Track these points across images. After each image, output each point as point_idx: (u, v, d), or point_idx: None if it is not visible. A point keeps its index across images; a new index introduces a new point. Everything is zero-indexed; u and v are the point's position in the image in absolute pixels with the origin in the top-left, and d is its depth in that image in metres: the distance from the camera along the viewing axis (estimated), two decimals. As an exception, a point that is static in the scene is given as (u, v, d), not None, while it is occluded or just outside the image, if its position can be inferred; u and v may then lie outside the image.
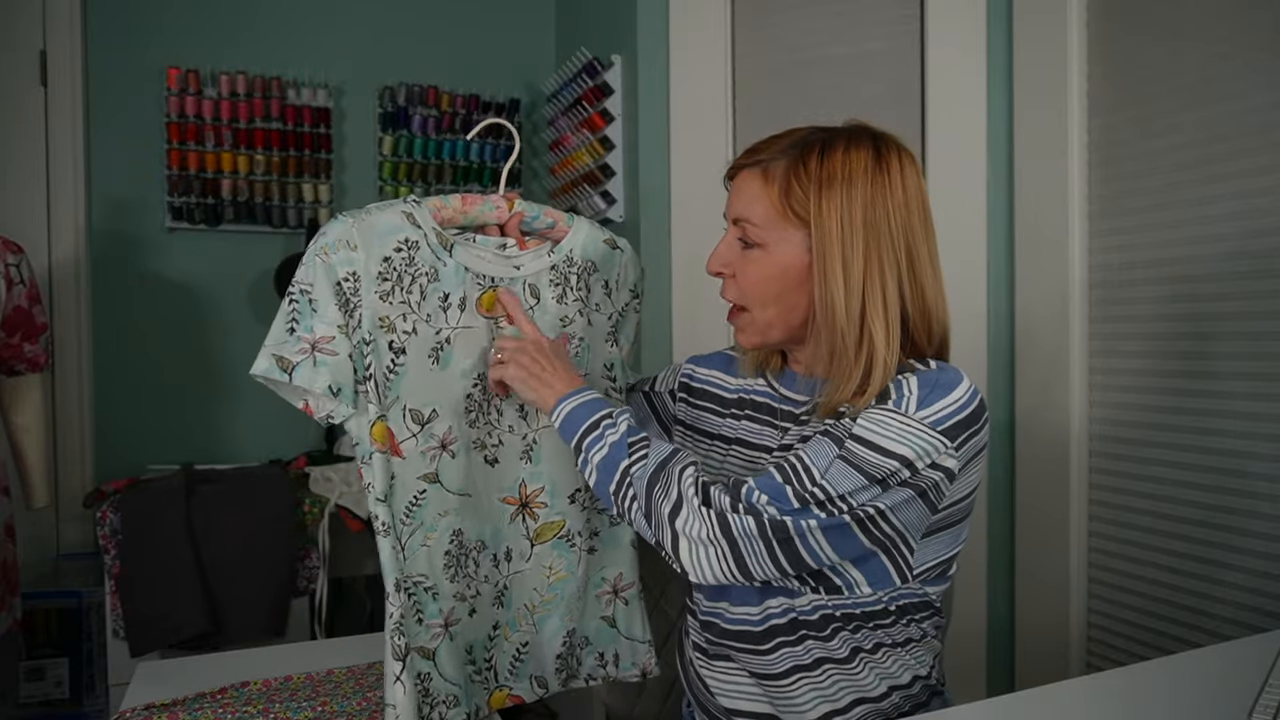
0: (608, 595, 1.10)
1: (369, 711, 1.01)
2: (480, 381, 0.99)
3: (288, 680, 1.09)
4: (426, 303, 0.95)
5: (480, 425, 1.00)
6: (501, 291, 1.01)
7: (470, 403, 0.99)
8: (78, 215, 2.32)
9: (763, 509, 0.85)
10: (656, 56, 2.12)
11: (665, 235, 2.10)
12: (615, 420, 0.94)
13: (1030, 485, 1.87)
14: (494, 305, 1.01)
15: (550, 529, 1.05)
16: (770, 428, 1.02)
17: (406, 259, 0.93)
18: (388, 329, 0.92)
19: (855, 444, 0.86)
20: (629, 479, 0.90)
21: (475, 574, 1.00)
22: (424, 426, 0.95)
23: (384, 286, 0.91)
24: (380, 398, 0.91)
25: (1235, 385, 1.50)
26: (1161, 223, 1.62)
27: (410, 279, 0.93)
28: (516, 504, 1.03)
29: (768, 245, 0.94)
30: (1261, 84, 1.45)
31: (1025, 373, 1.89)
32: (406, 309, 0.93)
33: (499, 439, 1.01)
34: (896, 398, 0.88)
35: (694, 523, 0.86)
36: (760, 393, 1.05)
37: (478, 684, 1.00)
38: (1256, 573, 1.47)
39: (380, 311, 0.91)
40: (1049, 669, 1.82)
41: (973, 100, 1.93)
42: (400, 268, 0.93)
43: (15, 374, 1.80)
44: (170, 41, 2.42)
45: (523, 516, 1.04)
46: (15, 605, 1.72)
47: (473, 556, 0.99)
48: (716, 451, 1.07)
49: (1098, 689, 1.06)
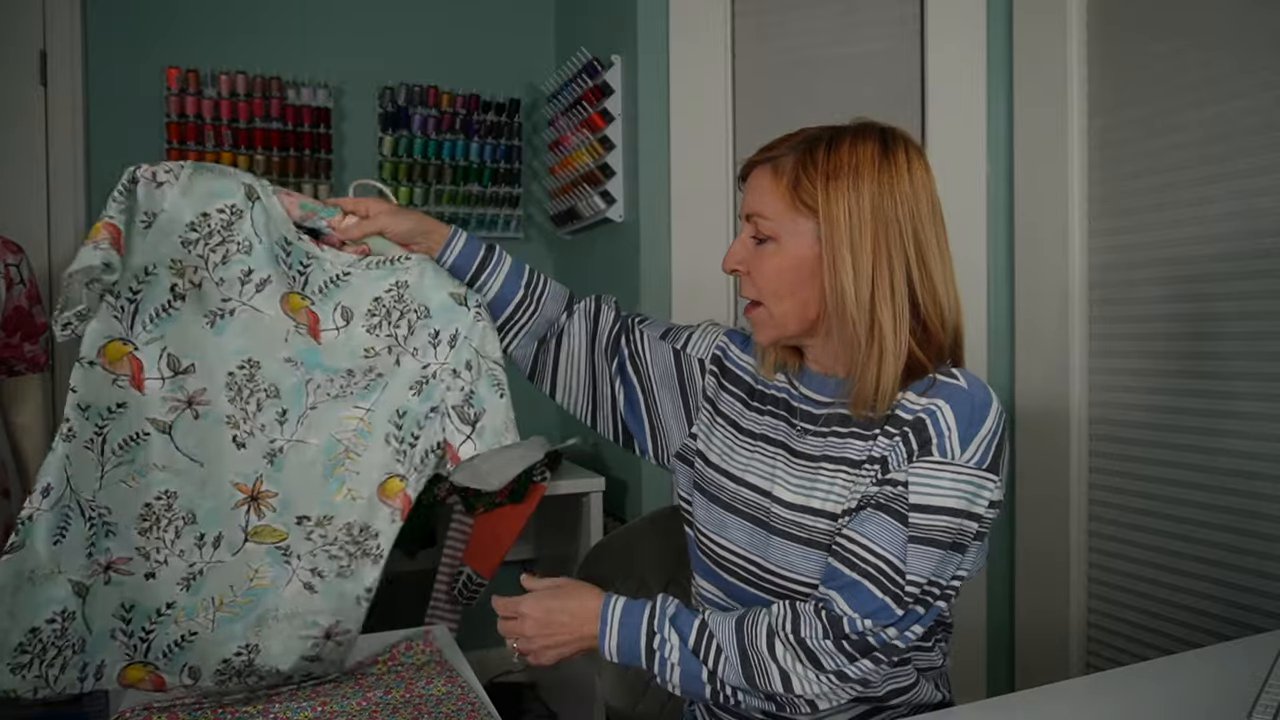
0: (316, 639, 1.03)
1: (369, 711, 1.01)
2: (249, 367, 0.99)
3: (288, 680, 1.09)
4: (226, 268, 0.98)
5: (238, 405, 0.99)
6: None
7: (232, 380, 0.98)
8: (78, 215, 2.32)
9: (872, 637, 0.86)
10: (656, 56, 2.12)
11: (665, 235, 2.10)
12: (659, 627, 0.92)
13: (1030, 485, 1.87)
14: (299, 310, 1.01)
15: (270, 534, 1.01)
16: (786, 424, 1.01)
17: (226, 221, 0.97)
18: (176, 272, 0.95)
19: (920, 515, 0.87)
20: (721, 682, 0.90)
21: (169, 543, 0.97)
22: (176, 375, 0.96)
23: (190, 235, 0.96)
24: (131, 325, 0.94)
25: (1236, 385, 1.50)
26: (1161, 222, 1.62)
27: (221, 241, 0.97)
28: (247, 494, 1.00)
29: (780, 238, 0.95)
30: (1261, 84, 1.45)
31: (1025, 372, 1.89)
32: (202, 264, 0.96)
33: (252, 429, 1.00)
34: (937, 438, 0.88)
35: (813, 687, 0.87)
36: (778, 388, 1.04)
37: (117, 646, 0.95)
38: (1256, 573, 1.47)
39: (175, 254, 0.95)
40: (1049, 669, 1.82)
41: (973, 100, 1.93)
42: (218, 226, 0.97)
43: (15, 374, 1.80)
44: (170, 41, 2.42)
45: (248, 509, 1.00)
46: (15, 605, 1.72)
47: (175, 525, 0.97)
48: (743, 447, 1.03)
49: (1098, 689, 1.06)
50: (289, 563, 1.02)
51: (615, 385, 1.12)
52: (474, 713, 1.01)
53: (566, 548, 2.39)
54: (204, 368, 0.97)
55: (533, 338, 1.12)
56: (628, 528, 1.38)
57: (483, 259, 1.08)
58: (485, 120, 2.68)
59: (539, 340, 1.13)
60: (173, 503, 0.96)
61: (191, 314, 0.96)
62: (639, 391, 1.11)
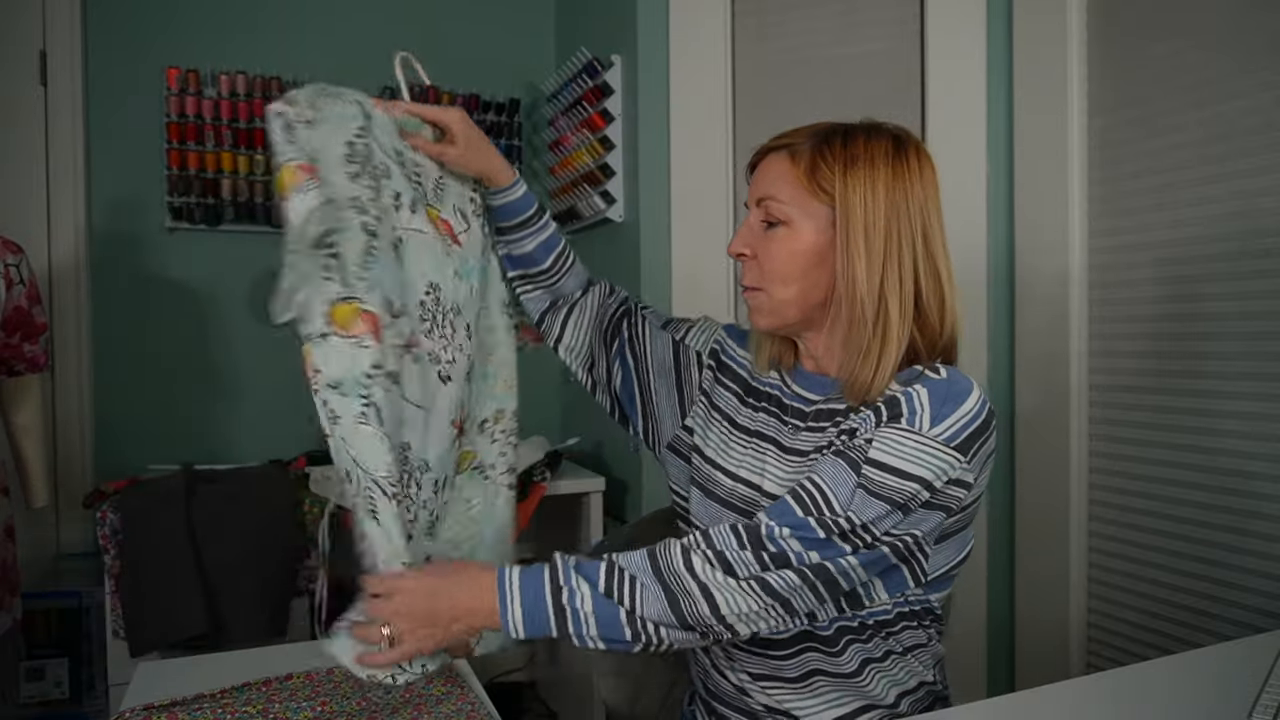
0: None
1: (369, 711, 1.01)
2: (433, 290, 0.92)
3: (288, 680, 1.09)
4: (381, 198, 0.87)
5: (436, 337, 0.91)
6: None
7: (425, 311, 0.90)
8: (78, 215, 2.32)
9: (790, 548, 0.84)
10: (656, 56, 2.12)
11: (665, 235, 2.10)
12: (566, 579, 0.85)
13: (1030, 485, 1.87)
14: (438, 223, 0.97)
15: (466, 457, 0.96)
16: (779, 420, 1.02)
17: (366, 147, 0.87)
18: (359, 210, 0.83)
19: (873, 469, 0.86)
20: (642, 620, 0.84)
21: (415, 498, 0.88)
22: (394, 320, 0.84)
23: (351, 168, 0.84)
24: (347, 281, 0.81)
25: (1236, 385, 1.50)
26: (1161, 222, 1.62)
27: (372, 168, 0.87)
28: (459, 428, 0.93)
29: (792, 222, 0.95)
30: (1261, 84, 1.45)
31: (1025, 372, 1.89)
32: (372, 195, 0.86)
33: (453, 355, 0.92)
34: (909, 413, 0.87)
35: (737, 600, 0.83)
36: (772, 384, 1.04)
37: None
38: (1256, 573, 1.47)
39: (350, 191, 0.83)
40: (1049, 669, 1.82)
41: (973, 100, 1.93)
42: (363, 154, 0.86)
43: (15, 374, 1.80)
44: (170, 41, 2.42)
45: (456, 442, 0.94)
46: (15, 605, 1.72)
47: (415, 478, 0.88)
48: (737, 443, 1.04)
49: (1098, 689, 1.06)
50: (488, 479, 0.98)
51: (614, 365, 1.14)
52: (474, 712, 1.01)
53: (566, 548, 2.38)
54: (410, 307, 0.88)
55: (544, 299, 1.16)
56: (629, 527, 1.39)
57: (530, 216, 1.10)
58: (485, 120, 2.68)
59: (550, 302, 1.17)
60: (408, 455, 0.87)
61: (385, 250, 0.84)
62: (634, 375, 1.13)
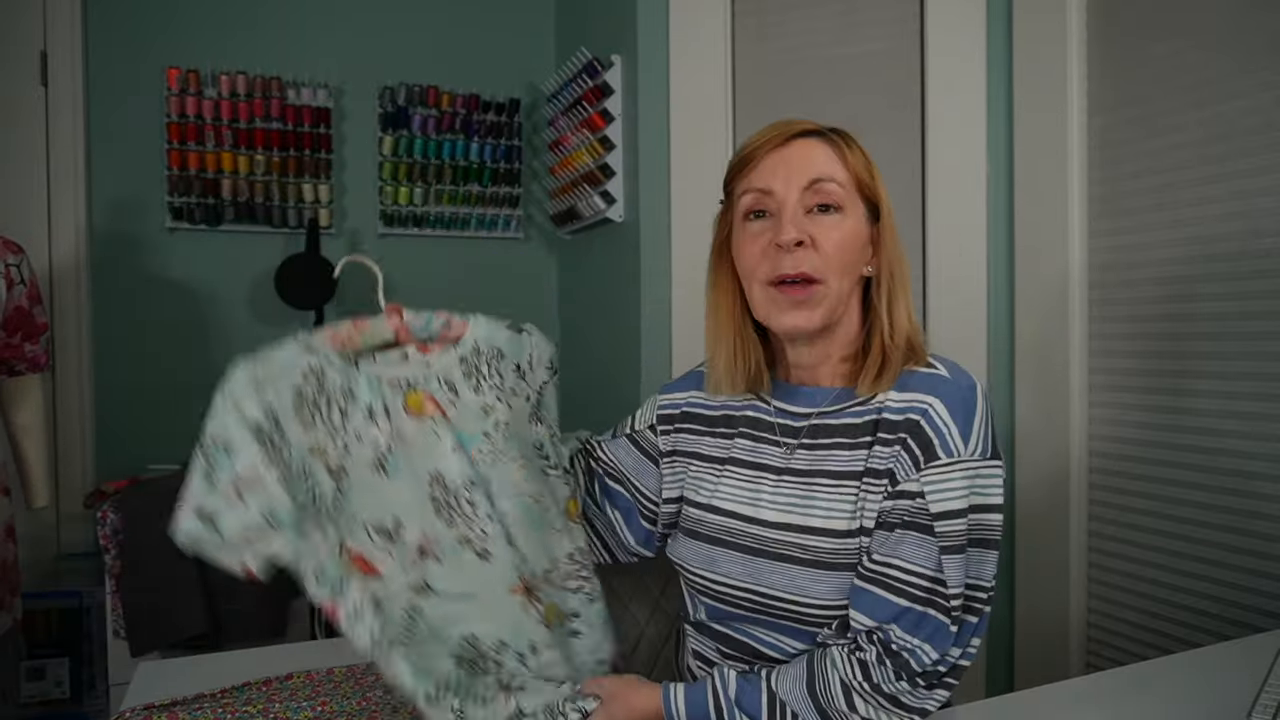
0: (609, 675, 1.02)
1: (369, 711, 1.01)
2: (437, 481, 0.95)
3: (288, 680, 1.09)
4: (351, 421, 0.93)
5: (459, 522, 0.95)
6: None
7: (437, 504, 0.95)
8: (78, 215, 2.32)
9: (941, 664, 0.84)
10: (656, 56, 2.12)
11: (665, 235, 2.10)
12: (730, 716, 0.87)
13: (1030, 485, 1.87)
14: (422, 405, 0.98)
15: (550, 612, 0.99)
16: (770, 445, 0.99)
17: (317, 386, 0.92)
18: (319, 455, 0.89)
19: (945, 523, 0.85)
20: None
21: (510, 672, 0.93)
22: (394, 538, 0.91)
23: (304, 415, 0.89)
24: (328, 527, 0.87)
25: (1236, 385, 1.50)
26: (1161, 222, 1.62)
27: (327, 402, 0.92)
28: (522, 591, 0.95)
29: (846, 210, 0.93)
30: (1261, 84, 1.45)
31: (1025, 371, 1.89)
32: (332, 431, 0.91)
33: (481, 530, 0.95)
34: (939, 440, 0.87)
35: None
36: (753, 408, 1.02)
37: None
38: (1256, 573, 1.47)
39: (308, 442, 0.89)
40: (1049, 669, 1.82)
41: (973, 100, 1.93)
42: (313, 395, 0.91)
43: (16, 374, 1.80)
44: (170, 41, 2.42)
45: (536, 605, 0.96)
46: (15, 605, 1.72)
47: (493, 659, 0.92)
48: (711, 474, 1.03)
49: (1098, 689, 1.06)
50: (575, 624, 1.01)
51: (611, 513, 1.12)
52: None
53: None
54: (408, 515, 0.92)
55: None
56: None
57: None
58: (485, 120, 2.68)
59: None
60: (479, 645, 0.92)
61: (359, 478, 0.91)
62: (627, 497, 1.12)
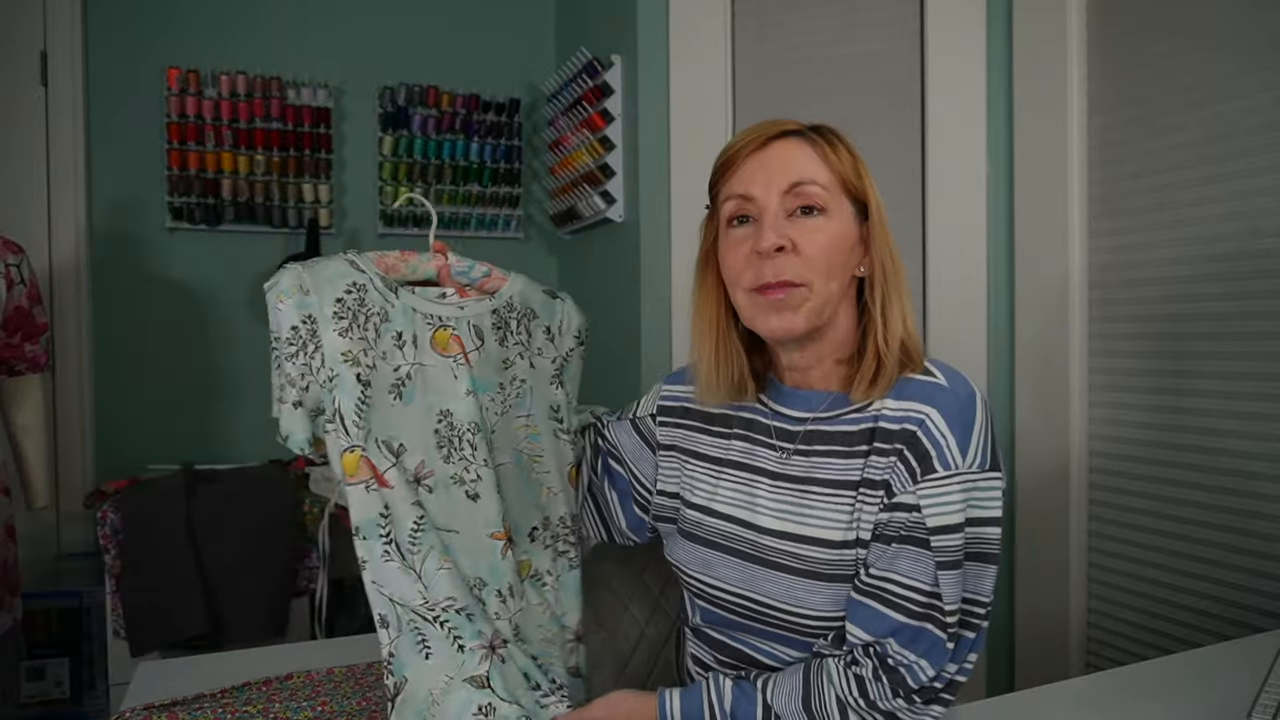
0: (572, 643, 1.05)
1: (369, 711, 1.01)
2: (445, 417, 0.98)
3: (288, 680, 1.09)
4: (381, 341, 0.97)
5: (455, 460, 0.98)
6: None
7: (440, 438, 0.97)
8: (78, 215, 2.32)
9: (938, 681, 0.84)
10: (656, 56, 2.12)
11: (665, 235, 2.10)
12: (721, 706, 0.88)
13: (1030, 485, 1.87)
14: (448, 343, 1.00)
15: (524, 567, 1.02)
16: (766, 448, 0.97)
17: (357, 300, 0.96)
18: (352, 363, 0.93)
19: (941, 538, 0.84)
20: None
21: (485, 614, 0.94)
22: (398, 459, 0.94)
23: (341, 324, 0.94)
24: (349, 430, 0.91)
25: (1235, 385, 1.50)
26: (1161, 223, 1.62)
27: (364, 318, 0.96)
28: (504, 538, 0.98)
29: (830, 211, 0.90)
30: (1261, 84, 1.45)
31: (1025, 371, 1.89)
32: (365, 345, 0.95)
33: (476, 473, 0.98)
34: (937, 452, 0.85)
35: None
36: (749, 409, 1.00)
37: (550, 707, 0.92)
38: (1256, 573, 1.47)
39: (341, 347, 0.93)
40: (1049, 669, 1.82)
41: (973, 100, 1.93)
42: (353, 307, 0.95)
43: (16, 374, 1.80)
44: (170, 41, 2.42)
45: (510, 552, 0.99)
46: (16, 605, 1.72)
47: (476, 594, 0.94)
48: (708, 475, 1.02)
49: (1098, 689, 1.06)
50: (545, 586, 1.03)
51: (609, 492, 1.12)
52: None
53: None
54: (412, 441, 0.95)
55: None
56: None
57: None
58: (485, 120, 2.68)
59: None
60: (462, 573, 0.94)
61: (379, 397, 0.95)
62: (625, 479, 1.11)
